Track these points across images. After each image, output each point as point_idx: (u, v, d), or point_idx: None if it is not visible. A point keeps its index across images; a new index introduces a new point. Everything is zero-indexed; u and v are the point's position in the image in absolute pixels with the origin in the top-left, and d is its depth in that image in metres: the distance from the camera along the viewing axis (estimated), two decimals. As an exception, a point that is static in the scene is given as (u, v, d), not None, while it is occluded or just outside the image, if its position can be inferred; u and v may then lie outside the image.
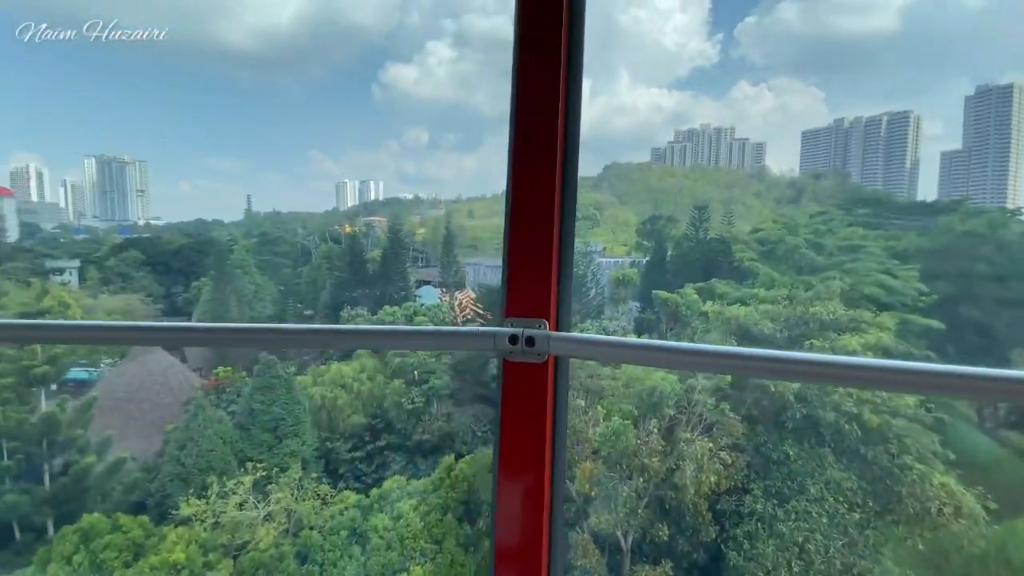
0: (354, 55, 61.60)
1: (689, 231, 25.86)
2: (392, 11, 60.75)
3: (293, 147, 67.05)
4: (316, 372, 14.12)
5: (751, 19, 50.63)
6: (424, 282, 35.35)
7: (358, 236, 44.82)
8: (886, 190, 46.38)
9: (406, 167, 68.63)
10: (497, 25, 58.18)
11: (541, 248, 1.71)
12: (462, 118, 65.48)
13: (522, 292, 1.74)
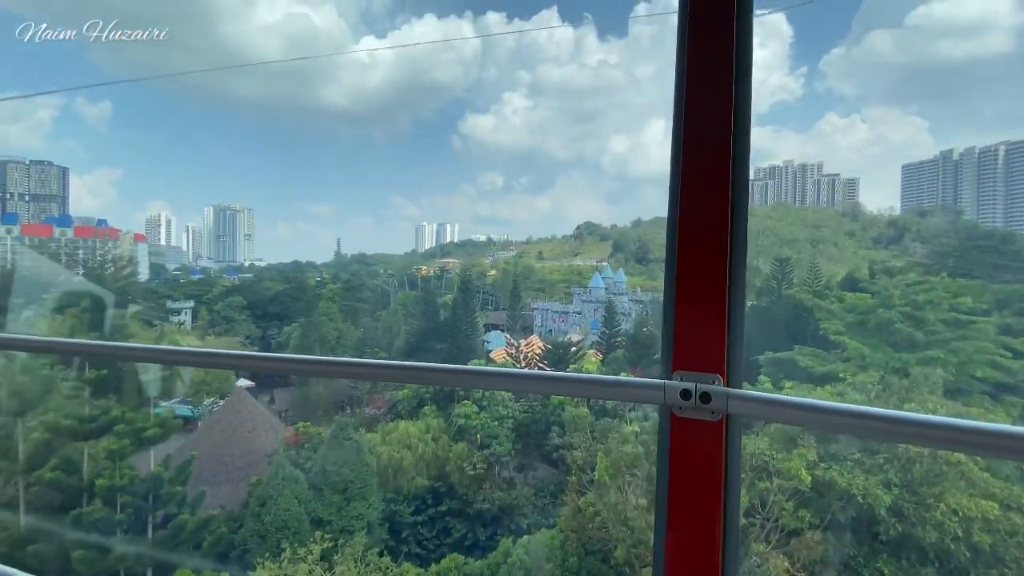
0: (436, 108, 66.49)
1: (771, 284, 24.17)
2: (472, 67, 65.14)
3: (379, 193, 72.87)
4: (385, 430, 14.78)
5: (838, 50, 48.04)
6: (493, 326, 35.96)
7: (431, 281, 47.08)
8: (1007, 227, 40.79)
9: (480, 209, 71.69)
10: (569, 74, 60.28)
11: (713, 293, 1.59)
12: (535, 162, 67.77)
13: (691, 343, 1.62)
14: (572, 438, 11.87)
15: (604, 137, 61.18)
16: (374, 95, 66.94)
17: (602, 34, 57.91)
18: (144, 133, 59.54)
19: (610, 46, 57.89)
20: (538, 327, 35.03)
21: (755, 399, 1.52)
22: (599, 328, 27.78)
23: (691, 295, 1.65)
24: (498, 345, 27.96)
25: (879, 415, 1.32)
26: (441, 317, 29.76)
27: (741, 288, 1.60)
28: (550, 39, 59.38)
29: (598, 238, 53.25)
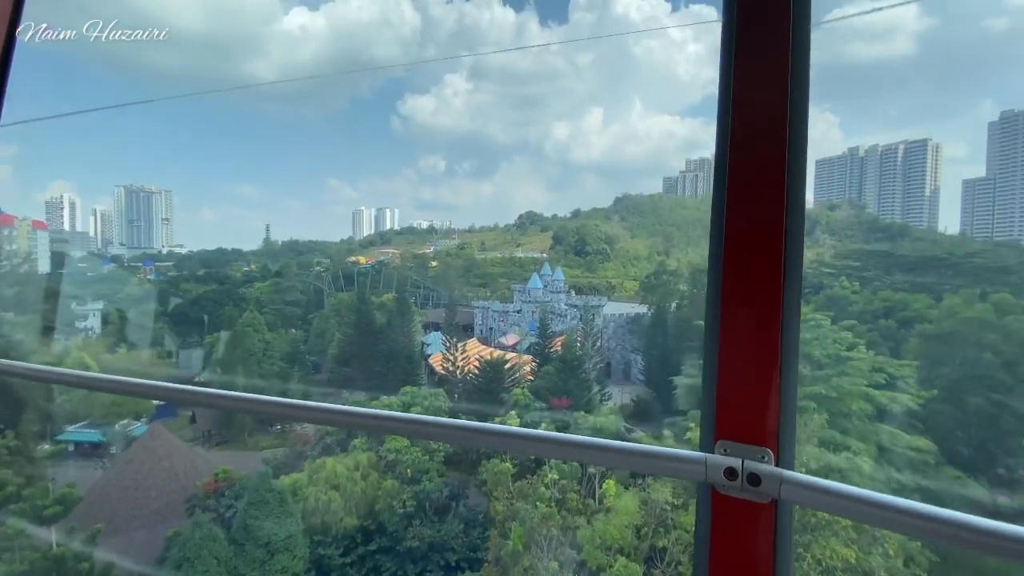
0: (375, 87, 63.36)
1: (691, 291, 25.50)
2: (411, 46, 62.30)
3: (313, 175, 68.87)
4: (311, 468, 14.46)
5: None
6: (434, 325, 35.66)
7: (369, 275, 45.56)
8: (904, 221, 45.15)
9: (423, 194, 69.82)
10: (511, 58, 59.13)
11: (763, 350, 1.38)
12: (478, 146, 66.60)
13: (738, 409, 1.40)
14: (494, 492, 12.23)
15: (546, 123, 61.06)
16: (306, 71, 62.67)
17: (543, 19, 57.11)
18: (44, 104, 52.64)
19: (552, 32, 57.28)
20: (478, 325, 35.10)
21: (812, 487, 1.30)
22: (536, 329, 28.28)
23: (737, 350, 1.41)
24: (437, 349, 27.78)
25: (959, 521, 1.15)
26: (378, 321, 29.05)
27: (794, 345, 1.39)
28: (492, 22, 57.87)
29: (539, 228, 53.61)
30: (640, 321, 28.09)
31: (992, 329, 16.54)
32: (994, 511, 16.08)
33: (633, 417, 18.38)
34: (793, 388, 1.39)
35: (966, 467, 16.56)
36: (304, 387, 22.92)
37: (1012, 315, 16.64)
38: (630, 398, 22.95)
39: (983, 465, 16.22)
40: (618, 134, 58.20)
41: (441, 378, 24.74)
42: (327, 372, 27.80)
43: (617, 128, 58.36)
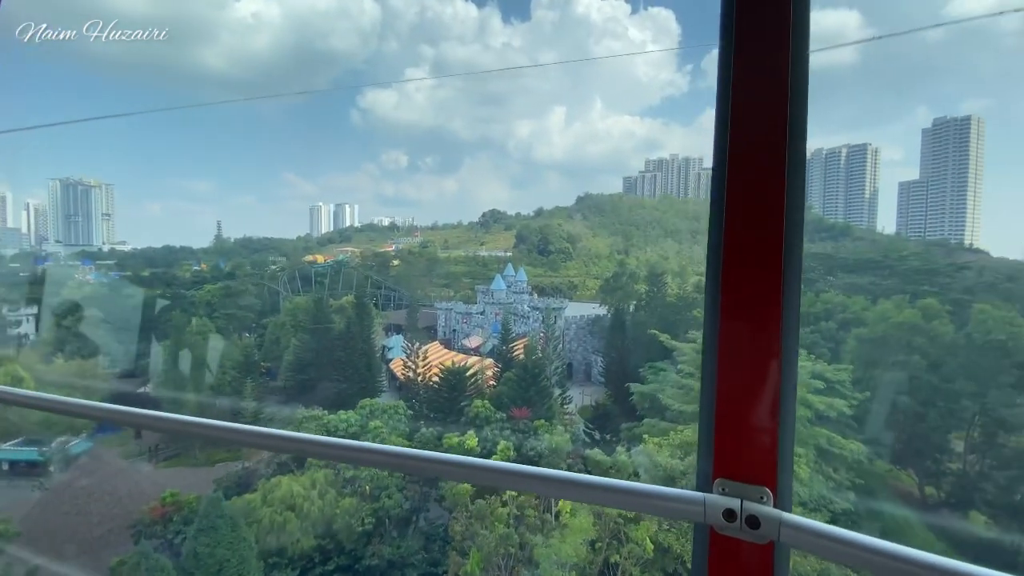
0: (333, 79, 61.38)
1: (648, 296, 26.18)
2: (371, 38, 60.60)
3: (268, 169, 66.11)
4: (266, 488, 13.97)
5: (717, 51, 51.75)
6: (395, 328, 35.15)
7: (327, 276, 44.26)
8: (846, 221, 47.80)
9: (385, 189, 68.34)
10: (473, 54, 58.52)
11: (763, 388, 1.35)
12: (440, 142, 65.75)
13: (736, 447, 1.38)
14: (453, 511, 12.25)
15: (509, 121, 61.00)
16: (260, 61, 60.15)
17: (506, 16, 56.77)
18: (-32, 90, 48.42)
19: (514, 29, 57.04)
20: (441, 327, 34.86)
21: (812, 531, 1.28)
22: (499, 332, 28.36)
23: (736, 386, 1.38)
24: (399, 354, 27.43)
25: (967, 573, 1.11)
26: (336, 326, 28.35)
27: (793, 382, 1.36)
28: (454, 17, 57.04)
29: (503, 227, 53.63)
30: (600, 323, 28.62)
31: (920, 333, 17.75)
32: (922, 501, 17.43)
33: (593, 422, 18.82)
34: (791, 425, 1.38)
35: (897, 461, 17.80)
36: (256, 403, 22.13)
37: (937, 319, 17.90)
38: (592, 400, 23.42)
39: (912, 459, 17.48)
40: (580, 133, 58.84)
41: (402, 384, 24.50)
42: (283, 380, 26.98)
43: (579, 127, 58.97)
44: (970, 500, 16.03)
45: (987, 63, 43.54)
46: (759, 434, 1.36)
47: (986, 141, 43.79)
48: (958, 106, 44.48)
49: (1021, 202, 46.26)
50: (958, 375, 17.01)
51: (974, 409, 16.54)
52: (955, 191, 43.66)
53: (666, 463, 10.92)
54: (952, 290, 23.04)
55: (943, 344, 17.52)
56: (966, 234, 41.95)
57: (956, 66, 47.59)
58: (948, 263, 29.70)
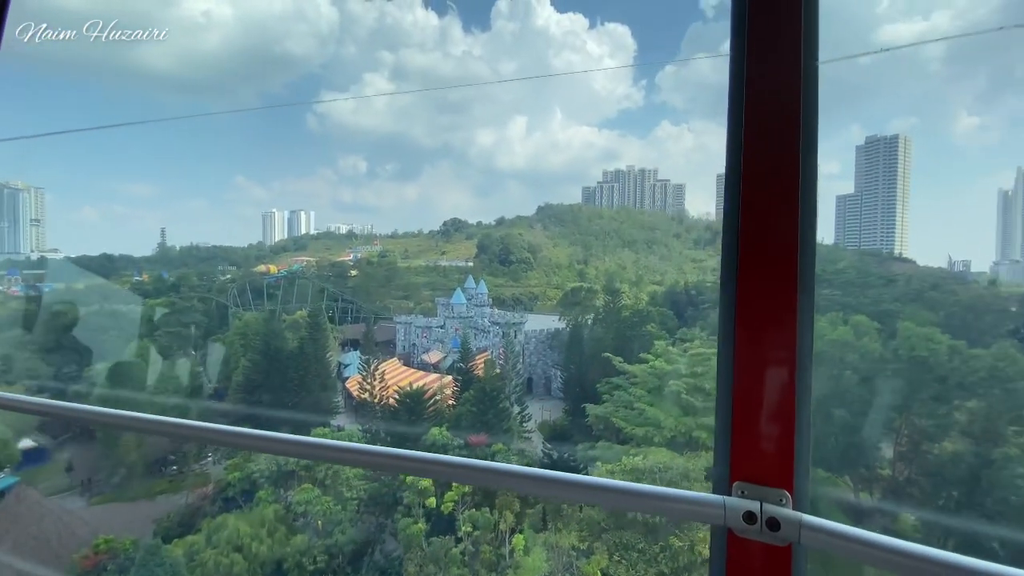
0: (288, 83, 59.22)
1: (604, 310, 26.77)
2: (329, 42, 58.97)
3: (218, 172, 62.99)
4: (210, 528, 13.26)
5: (670, 68, 53.60)
6: (352, 343, 34.31)
7: (281, 288, 42.66)
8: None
9: (343, 195, 66.49)
10: (433, 61, 58.03)
11: (780, 391, 1.35)
12: (400, 148, 64.67)
13: (755, 450, 1.37)
14: (407, 552, 12.08)
15: (470, 129, 60.82)
16: (211, 61, 57.38)
17: (467, 25, 56.66)
18: None
19: (475, 38, 57.01)
20: (400, 341, 34.31)
21: (833, 532, 1.29)
22: (459, 347, 28.20)
23: (753, 389, 1.38)
24: (355, 372, 26.72)
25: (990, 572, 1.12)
26: (289, 345, 27.37)
27: (808, 384, 1.36)
28: (414, 24, 56.39)
29: (464, 236, 53.33)
30: (559, 336, 28.96)
31: (852, 349, 18.92)
32: (857, 506, 18.57)
33: (551, 440, 19.02)
34: (807, 427, 1.38)
35: (833, 470, 18.90)
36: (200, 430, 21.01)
37: (867, 336, 19.14)
38: (551, 415, 23.65)
39: (847, 467, 18.60)
40: (540, 143, 59.43)
41: (359, 405, 23.96)
42: (231, 403, 25.82)
43: (539, 137, 59.56)
44: (900, 504, 17.24)
45: (913, 86, 46.92)
46: (777, 438, 1.38)
47: (913, 158, 47.06)
48: (887, 125, 47.62)
49: (944, 214, 49.87)
50: (886, 388, 18.23)
51: (901, 420, 17.76)
52: (886, 204, 46.78)
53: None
54: (883, 301, 24.73)
55: (872, 360, 18.72)
56: (896, 244, 45.04)
57: (885, 88, 51.02)
58: (880, 274, 31.84)
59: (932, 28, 41.86)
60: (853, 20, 44.76)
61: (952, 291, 29.63)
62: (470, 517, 12.08)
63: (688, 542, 9.87)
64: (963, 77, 43.09)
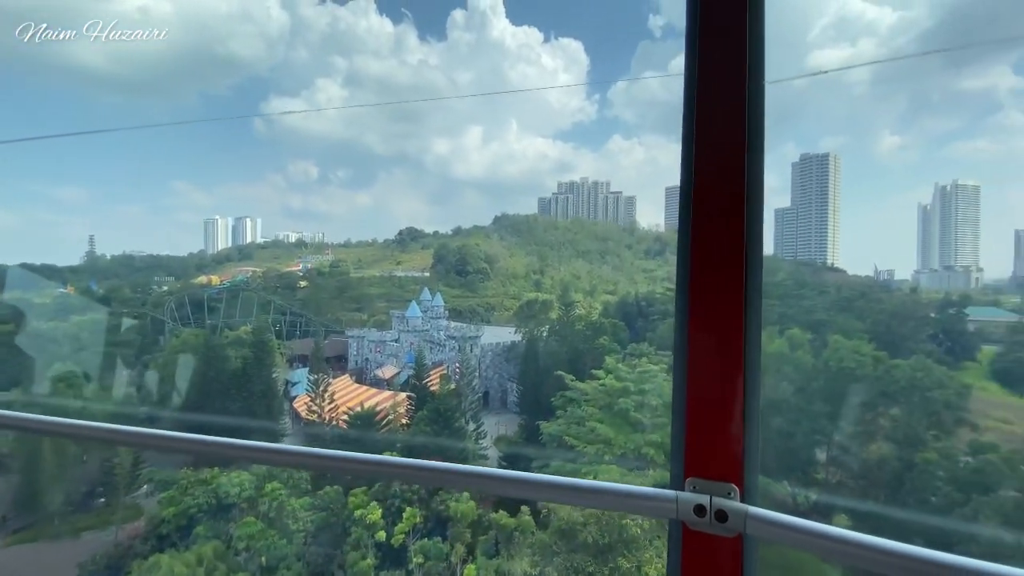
0: (233, 85, 56.55)
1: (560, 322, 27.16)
2: (278, 45, 56.79)
3: (155, 176, 59.15)
4: (140, 570, 12.26)
5: (621, 84, 55.36)
6: (300, 359, 33.10)
7: (224, 301, 40.46)
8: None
9: (292, 201, 64.03)
10: (388, 69, 57.18)
11: (728, 393, 1.44)
12: (354, 155, 63.14)
13: (705, 448, 1.46)
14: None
15: (426, 137, 60.28)
16: (148, 59, 53.91)
17: (422, 34, 56.28)
18: None
19: (431, 47, 56.71)
20: (353, 356, 33.42)
21: (776, 523, 1.37)
22: (414, 361, 27.77)
23: (704, 393, 1.48)
24: (304, 390, 25.72)
25: (921, 557, 1.19)
26: (232, 364, 26.01)
27: (756, 388, 1.45)
28: (369, 31, 55.43)
29: (420, 245, 52.62)
30: (516, 349, 29.05)
31: (787, 361, 20.05)
32: (795, 508, 19.63)
33: (507, 458, 19.03)
34: (756, 424, 1.47)
35: (771, 474, 19.90)
36: (132, 459, 19.50)
37: (801, 349, 20.32)
38: (507, 429, 23.63)
39: (785, 472, 19.64)
40: (497, 153, 59.73)
41: (307, 425, 23.11)
42: (165, 429, 24.20)
43: (496, 147, 59.85)
44: (832, 506, 18.38)
45: (841, 108, 50.46)
46: (726, 435, 1.46)
47: (842, 174, 50.55)
48: (819, 143, 50.97)
49: (870, 226, 53.74)
50: (818, 397, 19.41)
51: (831, 427, 18.97)
52: (819, 217, 49.93)
53: (567, 516, 11.32)
54: (817, 311, 26.37)
55: (805, 371, 19.91)
56: (829, 255, 48.14)
57: (817, 109, 54.68)
58: (815, 283, 33.92)
59: (858, 54, 45.23)
60: (788, 44, 47.75)
61: (878, 299, 31.98)
62: (421, 548, 11.88)
63: (636, 562, 10.15)
64: (886, 100, 46.77)
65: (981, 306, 29.39)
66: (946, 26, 36.14)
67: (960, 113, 38.52)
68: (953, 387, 18.41)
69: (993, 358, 22.61)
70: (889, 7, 40.11)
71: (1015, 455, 15.34)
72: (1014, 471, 14.81)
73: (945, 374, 19.14)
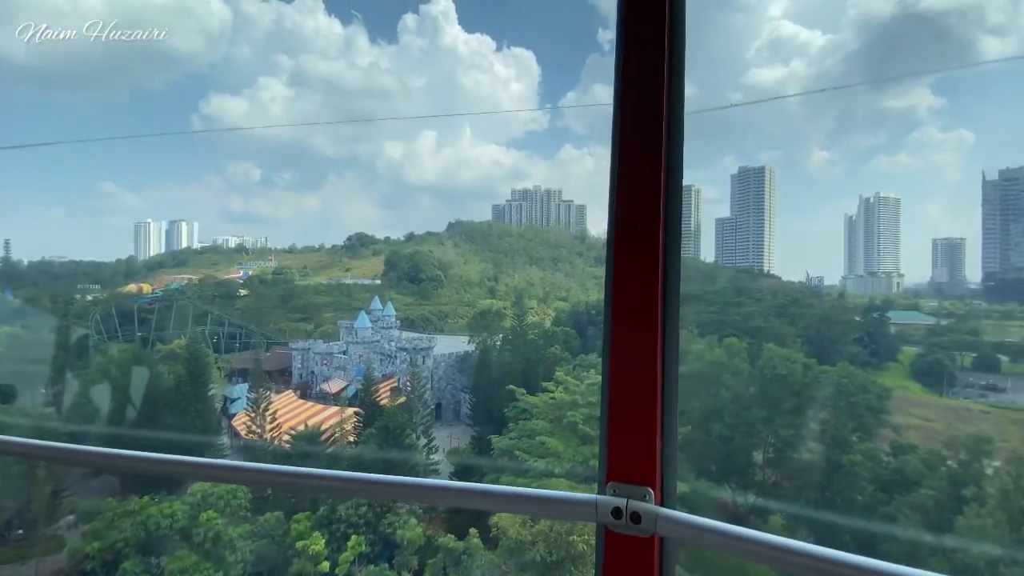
0: (170, 80, 52.87)
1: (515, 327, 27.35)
2: (219, 40, 53.61)
3: (80, 176, 54.30)
4: None
5: (572, 95, 56.50)
6: (240, 373, 31.50)
7: (156, 311, 37.81)
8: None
9: (232, 204, 60.64)
10: (337, 70, 55.42)
11: (646, 402, 1.50)
12: (301, 157, 60.63)
13: (625, 453, 1.53)
14: None
15: (377, 141, 58.87)
16: (74, 52, 49.47)
17: (373, 37, 55.02)
18: None
19: (382, 50, 55.55)
20: (297, 369, 32.12)
21: (685, 523, 1.44)
22: (363, 374, 27.06)
23: (624, 403, 1.54)
24: (243, 407, 24.36)
25: (816, 554, 1.24)
26: (164, 382, 24.33)
27: (674, 396, 1.53)
28: (317, 31, 53.57)
29: (371, 252, 51.27)
30: (469, 359, 28.88)
31: (726, 369, 21.03)
32: (735, 510, 20.59)
33: (458, 473, 18.84)
34: (674, 430, 1.54)
35: (714, 478, 20.79)
36: (51, 488, 17.80)
37: (738, 358, 21.36)
38: (460, 442, 23.41)
39: (726, 476, 20.55)
40: (450, 158, 59.22)
41: (247, 445, 21.98)
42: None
43: (449, 152, 59.39)
44: (769, 507, 19.40)
45: (776, 124, 53.59)
46: (643, 441, 1.53)
47: (777, 186, 53.61)
48: (756, 157, 53.83)
49: (802, 235, 57.19)
50: (754, 403, 20.45)
51: (767, 431, 20.03)
52: (756, 226, 52.69)
53: (516, 535, 11.34)
54: (753, 317, 27.83)
55: (742, 378, 20.95)
56: (765, 262, 50.94)
57: (754, 125, 57.86)
58: (752, 290, 35.82)
59: (791, 73, 48.13)
60: (725, 64, 50.34)
61: (809, 304, 34.12)
62: (368, 574, 11.54)
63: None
64: (816, 117, 49.99)
65: (902, 310, 31.83)
66: (870, 49, 39.15)
67: (882, 130, 41.81)
68: (875, 391, 19.89)
69: (913, 359, 24.54)
70: (819, 30, 43.05)
71: (933, 455, 16.60)
72: (933, 470, 16.05)
73: (867, 379, 20.65)
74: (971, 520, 13.15)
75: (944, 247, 37.11)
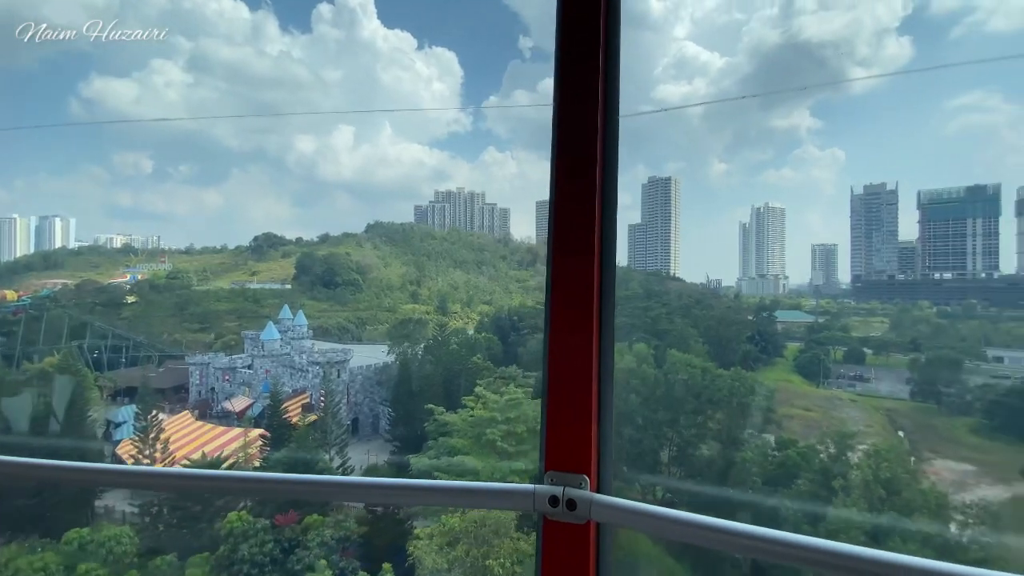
0: (45, 58, 45.27)
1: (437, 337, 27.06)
2: (104, 14, 46.62)
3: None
4: None
5: (494, 98, 56.80)
6: (127, 392, 28.31)
7: (21, 324, 32.86)
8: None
9: (118, 199, 53.37)
10: (243, 57, 50.92)
11: (581, 393, 1.56)
12: (200, 148, 54.97)
13: (562, 443, 1.59)
14: None
15: (288, 134, 55.02)
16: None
17: (284, 24, 51.31)
18: None
19: (293, 39, 52.00)
20: (195, 386, 29.42)
21: (618, 507, 1.50)
22: (270, 391, 25.41)
23: (561, 394, 1.61)
24: (129, 433, 21.87)
25: (742, 531, 1.29)
26: (31, 404, 21.37)
27: (610, 387, 1.60)
28: (220, 14, 48.83)
29: (281, 254, 47.99)
30: (388, 371, 28.12)
31: (635, 375, 22.30)
32: (653, 501, 21.98)
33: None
34: (609, 420, 1.61)
35: (626, 480, 21.95)
36: None
37: (646, 363, 22.73)
38: (378, 459, 22.71)
39: (637, 475, 21.81)
40: (369, 156, 56.98)
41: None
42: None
43: (368, 149, 57.14)
44: (675, 503, 20.90)
45: (681, 137, 57.43)
46: (579, 430, 1.60)
47: (681, 194, 57.51)
48: (664, 167, 57.38)
49: (703, 240, 61.85)
50: (660, 406, 21.90)
51: (671, 432, 21.52)
52: (663, 232, 56.18)
53: (432, 564, 11.16)
54: (660, 320, 29.76)
55: (650, 383, 22.35)
56: (672, 266, 54.57)
57: (662, 137, 61.55)
58: (660, 293, 38.28)
59: (694, 91, 51.83)
60: (635, 79, 53.19)
61: (710, 305, 37.11)
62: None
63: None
64: (715, 132, 54.23)
65: (786, 309, 35.61)
66: (761, 72, 43.19)
67: (770, 147, 46.39)
68: (762, 392, 22.09)
69: (796, 354, 27.63)
70: (718, 52, 46.80)
71: (810, 450, 18.66)
72: (808, 462, 18.08)
73: (755, 380, 22.86)
74: (838, 509, 15.08)
75: (821, 252, 41.95)
